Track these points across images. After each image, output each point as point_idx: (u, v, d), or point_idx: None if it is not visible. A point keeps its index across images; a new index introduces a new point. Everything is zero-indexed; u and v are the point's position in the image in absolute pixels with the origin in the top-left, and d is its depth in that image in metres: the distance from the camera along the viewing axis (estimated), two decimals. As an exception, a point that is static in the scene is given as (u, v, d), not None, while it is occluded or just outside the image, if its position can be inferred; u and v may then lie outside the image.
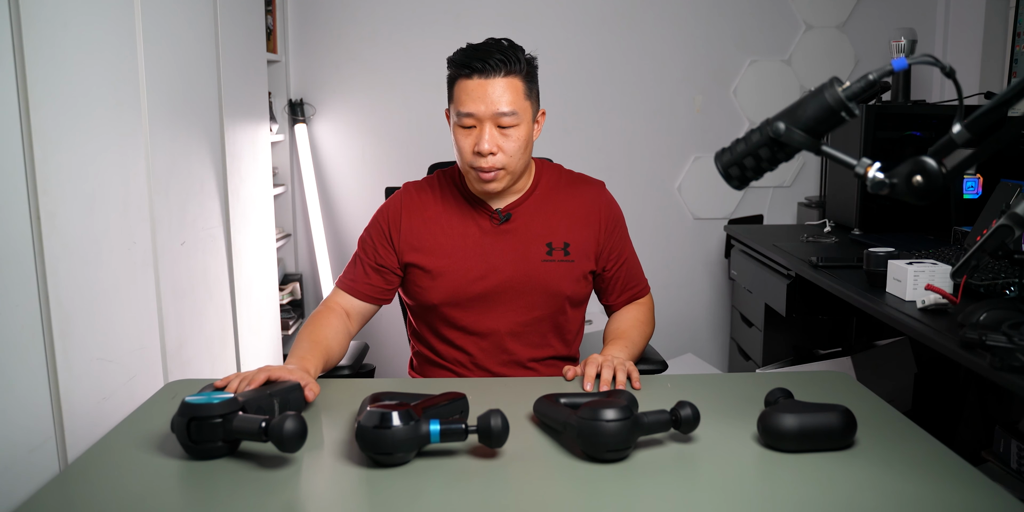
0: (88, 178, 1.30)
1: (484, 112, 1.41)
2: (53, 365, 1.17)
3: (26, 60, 1.12)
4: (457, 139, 1.46)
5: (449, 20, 2.95)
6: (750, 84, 3.05)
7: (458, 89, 1.44)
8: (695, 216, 3.13)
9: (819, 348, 2.55)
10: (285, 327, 2.76)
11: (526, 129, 1.46)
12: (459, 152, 1.47)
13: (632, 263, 1.63)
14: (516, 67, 1.43)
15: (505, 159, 1.44)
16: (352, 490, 0.98)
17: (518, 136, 1.44)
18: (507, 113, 1.42)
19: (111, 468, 1.03)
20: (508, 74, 1.42)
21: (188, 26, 1.79)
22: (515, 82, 1.43)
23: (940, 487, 0.96)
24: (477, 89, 1.41)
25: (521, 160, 1.47)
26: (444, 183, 1.59)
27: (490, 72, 1.41)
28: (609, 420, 1.00)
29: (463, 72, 1.43)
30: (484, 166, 1.44)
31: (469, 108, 1.42)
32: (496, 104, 1.41)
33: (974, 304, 1.43)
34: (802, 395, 1.15)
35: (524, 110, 1.45)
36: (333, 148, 3.03)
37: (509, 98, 1.42)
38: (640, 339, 1.55)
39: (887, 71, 0.95)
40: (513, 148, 1.44)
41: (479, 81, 1.41)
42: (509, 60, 1.42)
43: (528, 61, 1.46)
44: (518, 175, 1.50)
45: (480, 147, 1.42)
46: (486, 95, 1.41)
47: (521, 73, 1.44)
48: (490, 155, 1.43)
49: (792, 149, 1.03)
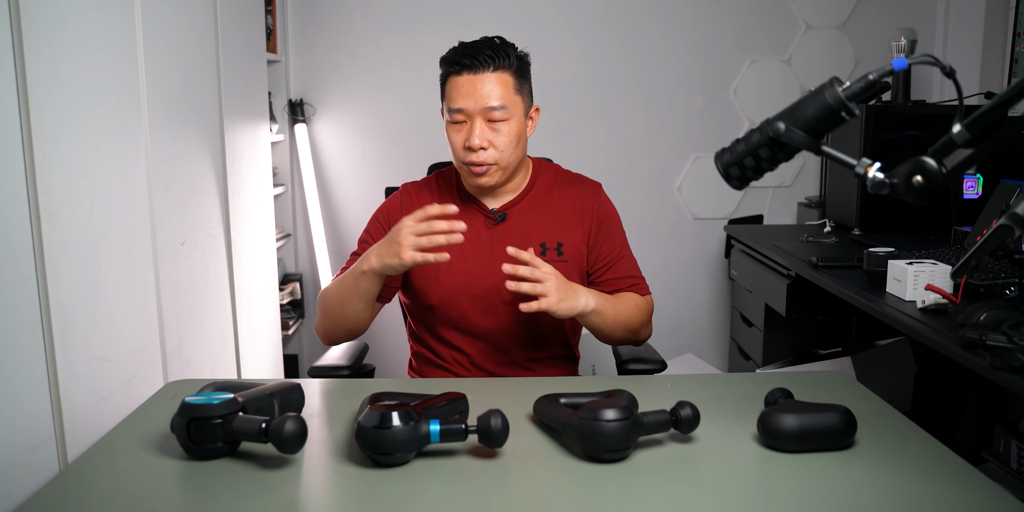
0: (88, 178, 1.30)
1: (473, 107, 1.42)
2: (53, 365, 1.17)
3: (26, 60, 1.12)
4: (449, 135, 1.47)
5: (449, 20, 2.95)
6: (750, 84, 3.05)
7: (449, 86, 1.45)
8: (695, 216, 3.13)
9: (819, 348, 2.55)
10: (285, 327, 2.76)
11: (517, 124, 1.46)
12: (452, 148, 1.48)
13: (626, 264, 1.59)
14: (505, 62, 1.44)
15: (496, 154, 1.45)
16: (352, 490, 0.98)
17: (508, 131, 1.45)
18: (496, 107, 1.42)
19: (111, 468, 1.02)
20: (497, 69, 1.43)
21: (188, 26, 1.79)
22: (504, 77, 1.44)
23: (940, 487, 0.96)
24: (466, 85, 1.43)
25: (513, 155, 1.47)
26: (441, 183, 1.60)
27: (479, 68, 1.42)
28: (609, 420, 1.00)
29: (453, 69, 1.44)
30: (475, 161, 1.44)
31: (459, 104, 1.43)
32: (485, 98, 1.42)
33: (974, 304, 1.43)
34: (802, 395, 1.15)
35: (514, 105, 1.45)
36: (333, 148, 3.03)
37: (498, 92, 1.43)
38: (619, 307, 1.48)
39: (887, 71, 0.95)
40: (504, 142, 1.45)
41: (468, 77, 1.43)
42: (498, 55, 1.43)
43: (519, 57, 1.47)
44: (511, 170, 1.51)
45: (470, 142, 1.43)
46: (475, 90, 1.42)
47: (511, 68, 1.45)
48: (481, 150, 1.44)
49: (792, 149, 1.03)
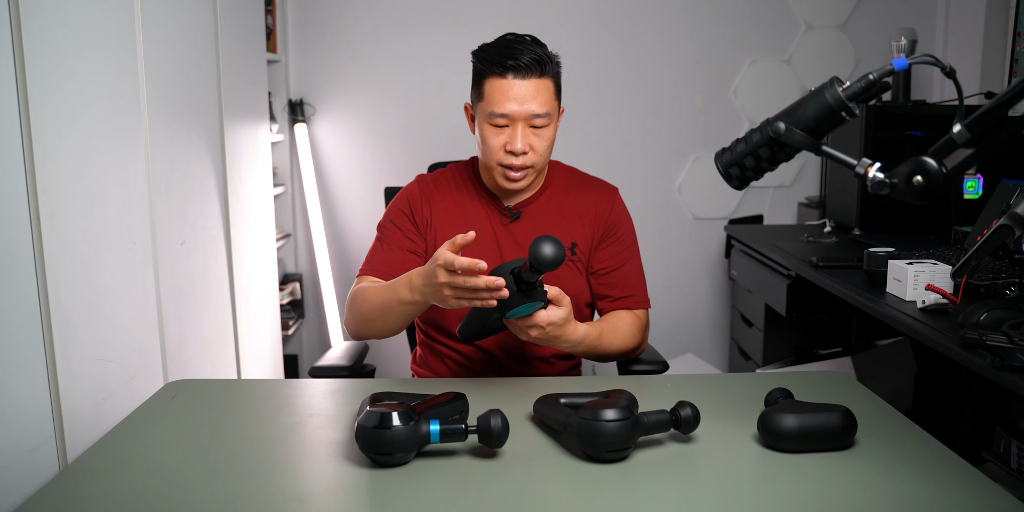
0: (88, 178, 1.30)
1: (519, 113, 1.41)
2: (53, 365, 1.17)
3: (26, 60, 1.12)
4: (487, 136, 1.45)
5: (449, 20, 2.95)
6: (750, 84, 3.05)
7: (490, 87, 1.42)
8: (695, 216, 3.13)
9: (819, 348, 2.54)
10: (285, 327, 2.76)
11: (555, 129, 1.48)
12: (488, 149, 1.46)
13: (625, 275, 1.56)
14: (549, 67, 1.43)
15: (535, 157, 1.45)
16: (352, 490, 0.98)
17: (548, 136, 1.45)
18: (541, 114, 1.42)
19: (111, 468, 1.03)
20: (543, 74, 1.42)
21: (188, 26, 1.79)
22: (548, 84, 1.43)
23: (940, 487, 0.96)
24: (512, 89, 1.41)
25: (547, 158, 1.49)
26: (459, 176, 1.60)
27: (526, 72, 1.40)
28: (609, 420, 1.00)
29: (495, 70, 1.41)
30: (515, 164, 1.44)
31: (504, 108, 1.41)
32: (531, 106, 1.41)
33: (974, 304, 1.43)
34: (802, 395, 1.15)
35: (555, 110, 1.47)
36: (333, 148, 3.03)
37: (543, 99, 1.42)
38: (603, 343, 1.43)
39: (888, 71, 0.95)
40: (543, 147, 1.45)
41: (514, 81, 1.41)
42: (542, 60, 1.42)
43: (556, 60, 1.46)
44: (541, 171, 1.53)
45: (513, 146, 1.42)
46: (522, 95, 1.41)
47: (552, 73, 1.44)
48: (522, 154, 1.43)
49: (792, 149, 1.03)
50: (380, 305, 1.38)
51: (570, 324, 1.32)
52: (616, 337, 1.47)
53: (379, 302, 1.38)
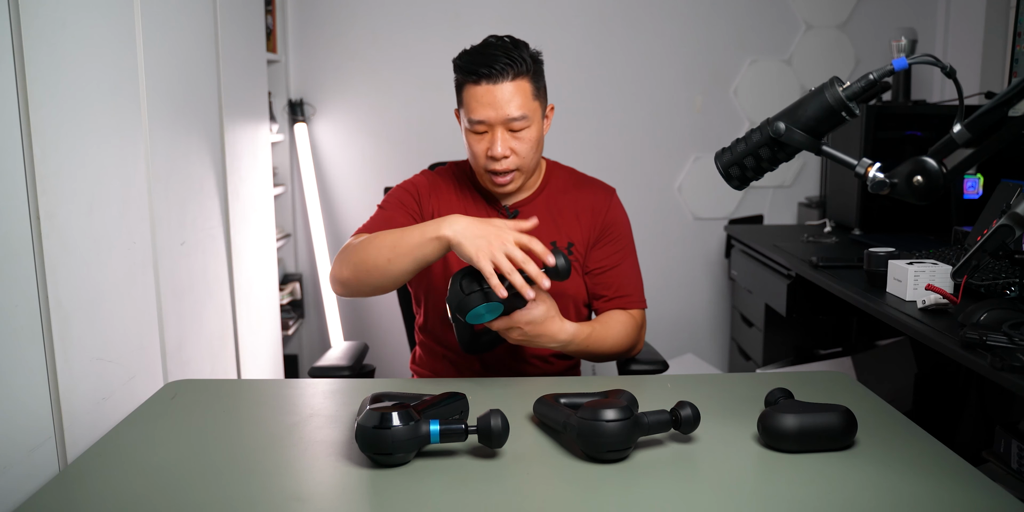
0: (88, 178, 1.30)
1: (495, 118, 1.41)
2: (53, 365, 1.17)
3: (26, 60, 1.12)
4: (470, 143, 1.46)
5: (449, 20, 2.95)
6: (750, 84, 3.05)
7: (467, 95, 1.44)
8: (695, 216, 3.13)
9: (819, 348, 2.54)
10: (285, 327, 2.76)
11: (537, 129, 1.46)
12: (472, 155, 1.48)
13: (620, 275, 1.56)
14: (523, 67, 1.42)
15: (518, 160, 1.46)
16: (352, 490, 0.98)
17: (529, 137, 1.45)
18: (518, 117, 1.42)
19: (111, 468, 1.02)
20: (516, 77, 1.41)
21: (188, 26, 1.79)
22: (523, 84, 1.43)
23: (940, 487, 0.96)
24: (486, 95, 1.41)
25: (533, 159, 1.48)
26: (459, 175, 1.61)
27: (497, 77, 1.40)
28: (609, 420, 1.00)
29: (470, 78, 1.42)
30: (498, 169, 1.45)
31: (479, 115, 1.42)
32: (506, 109, 1.41)
33: (974, 304, 1.43)
34: (802, 395, 1.15)
35: (534, 111, 1.45)
36: (333, 148, 3.03)
37: (519, 102, 1.41)
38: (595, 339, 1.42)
39: (888, 71, 0.95)
40: (525, 149, 1.45)
41: (487, 87, 1.41)
42: (515, 62, 1.41)
43: (533, 58, 1.45)
44: (531, 172, 1.52)
45: (493, 152, 1.43)
46: (495, 101, 1.40)
47: (528, 73, 1.43)
48: (503, 158, 1.44)
49: (792, 149, 1.03)
50: (392, 244, 1.32)
51: (553, 323, 1.32)
52: (608, 336, 1.46)
53: (391, 242, 1.32)
